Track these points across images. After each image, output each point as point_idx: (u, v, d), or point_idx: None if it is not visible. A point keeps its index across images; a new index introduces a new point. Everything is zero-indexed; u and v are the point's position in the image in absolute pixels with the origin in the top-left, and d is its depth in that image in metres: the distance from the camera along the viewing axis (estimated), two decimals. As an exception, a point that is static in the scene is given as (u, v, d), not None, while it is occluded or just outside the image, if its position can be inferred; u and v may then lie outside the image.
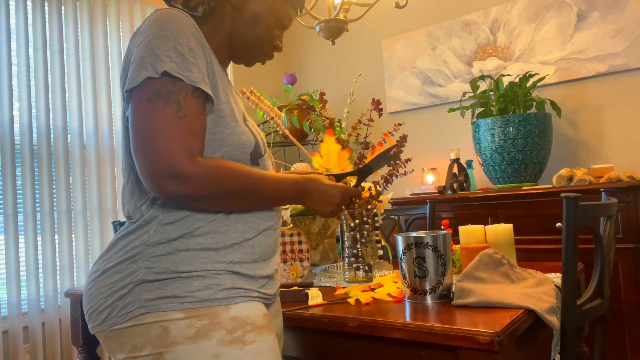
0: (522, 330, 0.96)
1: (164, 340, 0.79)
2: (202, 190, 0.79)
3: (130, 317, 0.80)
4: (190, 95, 0.81)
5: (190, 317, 0.80)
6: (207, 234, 0.84)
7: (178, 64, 0.80)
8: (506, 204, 2.34)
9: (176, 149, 0.77)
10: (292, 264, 1.50)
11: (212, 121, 0.86)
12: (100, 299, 0.83)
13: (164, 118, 0.78)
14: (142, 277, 0.81)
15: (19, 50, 2.44)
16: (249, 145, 0.89)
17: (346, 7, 2.03)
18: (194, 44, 0.84)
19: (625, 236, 2.05)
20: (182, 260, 0.82)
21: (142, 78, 0.79)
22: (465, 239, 1.41)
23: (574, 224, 1.13)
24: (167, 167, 0.76)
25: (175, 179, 0.77)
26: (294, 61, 3.90)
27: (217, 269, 0.84)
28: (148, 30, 0.83)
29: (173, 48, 0.81)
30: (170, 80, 0.79)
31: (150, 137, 0.77)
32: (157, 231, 0.83)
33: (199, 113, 0.82)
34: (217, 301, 0.81)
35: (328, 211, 1.00)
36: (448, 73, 3.07)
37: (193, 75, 0.81)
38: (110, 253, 0.85)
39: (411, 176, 3.26)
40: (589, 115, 2.61)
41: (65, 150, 2.56)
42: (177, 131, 0.78)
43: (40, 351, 2.37)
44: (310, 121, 1.46)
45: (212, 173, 0.80)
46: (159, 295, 0.80)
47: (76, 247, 2.59)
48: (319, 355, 1.12)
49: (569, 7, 2.64)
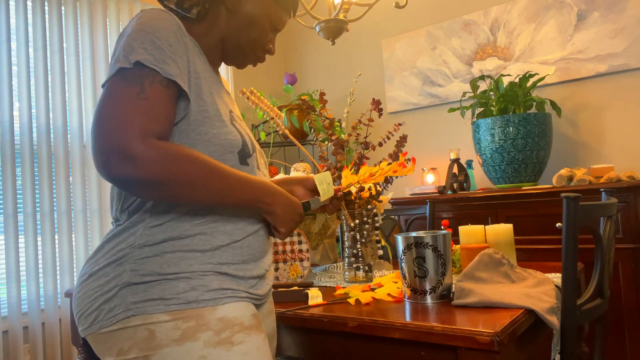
0: (522, 330, 0.96)
1: (150, 343, 0.78)
2: (151, 173, 0.73)
3: (117, 320, 0.80)
4: (158, 83, 0.78)
5: (177, 319, 0.79)
6: (193, 236, 0.84)
7: (154, 55, 0.79)
8: (506, 204, 2.34)
9: (129, 128, 0.73)
10: (292, 264, 1.50)
11: (196, 122, 0.85)
12: (88, 302, 0.82)
13: (123, 98, 0.75)
14: (127, 280, 0.80)
15: (19, 50, 2.44)
16: (235, 144, 0.88)
17: (346, 7, 2.03)
18: (173, 40, 0.83)
19: (625, 236, 2.05)
20: (168, 262, 0.81)
21: (115, 70, 0.78)
22: (465, 239, 1.41)
23: (574, 224, 1.13)
24: (116, 145, 0.72)
25: (124, 159, 0.72)
26: (294, 61, 3.90)
27: (204, 270, 0.83)
28: (129, 28, 0.82)
29: (150, 41, 0.80)
30: (139, 68, 0.78)
31: (105, 115, 0.74)
32: (144, 233, 0.82)
33: (164, 100, 0.78)
34: (203, 302, 0.81)
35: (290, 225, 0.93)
36: (448, 73, 3.07)
37: (169, 69, 0.80)
38: (98, 256, 0.85)
39: (411, 176, 3.26)
40: (589, 115, 2.61)
41: (65, 150, 2.56)
42: (134, 111, 0.74)
43: (40, 351, 2.37)
44: (310, 121, 1.46)
45: (164, 156, 0.74)
46: (145, 297, 0.79)
47: (76, 247, 2.59)
48: (319, 355, 1.12)
49: (569, 7, 2.64)
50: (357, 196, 1.46)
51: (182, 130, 0.84)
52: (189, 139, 0.84)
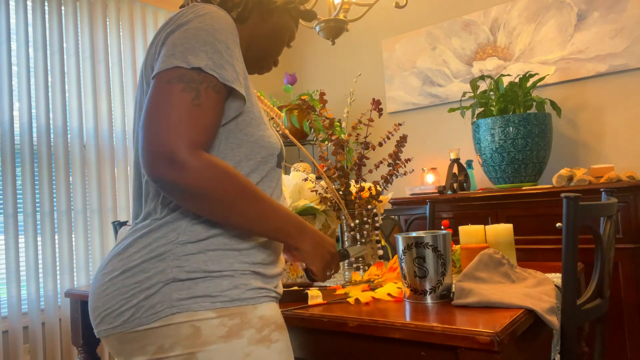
0: (522, 330, 0.96)
1: (196, 340, 0.78)
2: (196, 183, 0.74)
3: (159, 318, 0.78)
4: (212, 89, 0.79)
5: (222, 317, 0.79)
6: (232, 235, 0.84)
7: (214, 60, 0.79)
8: (506, 204, 2.34)
9: (181, 135, 0.74)
10: (292, 264, 1.50)
11: (244, 122, 0.86)
12: (122, 300, 0.80)
13: (177, 102, 0.76)
14: (173, 276, 0.79)
15: (19, 50, 2.44)
16: (276, 147, 0.91)
17: (346, 7, 2.03)
18: (231, 42, 0.83)
19: (625, 236, 2.05)
20: (211, 259, 0.82)
21: (170, 66, 0.78)
22: (465, 239, 1.41)
23: (574, 224, 1.13)
24: (166, 150, 0.73)
25: (171, 164, 0.73)
26: (294, 61, 3.90)
27: (243, 269, 0.84)
28: (188, 21, 0.82)
29: (211, 43, 0.80)
30: (198, 72, 0.78)
31: (158, 117, 0.75)
32: (187, 229, 0.82)
33: (215, 108, 0.79)
34: (245, 300, 0.82)
35: (322, 263, 0.93)
36: (448, 73, 3.07)
37: (226, 74, 0.80)
38: (130, 252, 0.82)
39: (411, 176, 3.26)
40: (589, 115, 2.61)
41: (65, 150, 2.56)
42: (187, 118, 0.75)
43: (40, 351, 2.37)
44: (310, 121, 1.45)
45: (211, 170, 0.75)
46: (191, 294, 0.79)
47: (76, 247, 2.59)
48: (319, 355, 1.12)
49: (569, 7, 2.64)
50: (357, 196, 1.46)
51: (231, 130, 0.85)
52: (237, 139, 0.85)
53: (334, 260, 0.95)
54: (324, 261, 0.93)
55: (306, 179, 1.57)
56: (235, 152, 0.86)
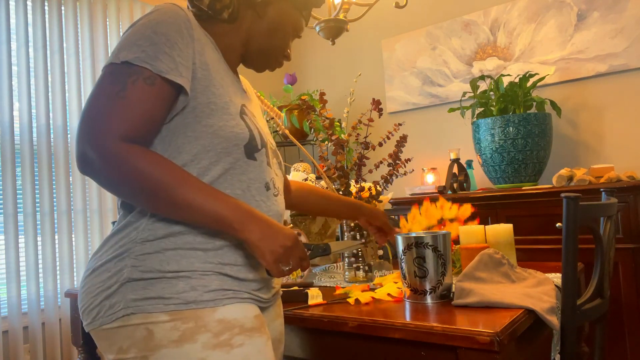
0: (522, 330, 0.96)
1: (149, 343, 0.78)
2: (107, 174, 0.74)
3: (116, 318, 0.79)
4: (143, 81, 0.77)
5: (175, 320, 0.78)
6: (196, 234, 0.82)
7: (147, 52, 0.79)
8: (506, 204, 2.34)
9: (96, 127, 0.74)
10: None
11: (203, 113, 0.84)
12: (90, 298, 0.82)
13: (101, 95, 0.76)
14: (128, 276, 0.79)
15: (19, 50, 2.44)
16: (242, 137, 0.87)
17: (346, 7, 2.03)
18: (174, 33, 0.82)
19: (625, 236, 2.05)
20: (169, 259, 0.80)
21: (106, 64, 0.80)
22: (465, 239, 1.41)
23: (574, 224, 1.13)
24: (82, 142, 0.74)
25: (86, 157, 0.74)
26: (294, 61, 3.90)
27: (205, 269, 0.81)
28: (137, 21, 0.83)
29: (147, 37, 0.80)
30: (127, 66, 0.78)
31: (86, 110, 0.76)
32: (146, 228, 0.81)
33: (148, 100, 0.78)
34: (202, 303, 0.79)
35: (272, 257, 0.81)
36: (448, 73, 3.07)
37: (161, 65, 0.79)
38: (102, 251, 0.84)
39: (411, 176, 3.26)
40: (589, 115, 2.61)
41: (65, 150, 2.56)
42: (109, 109, 0.75)
43: (40, 351, 2.37)
44: (310, 121, 1.45)
45: (124, 159, 0.74)
46: (145, 295, 0.78)
47: (76, 247, 2.59)
48: (319, 355, 1.12)
49: (569, 7, 2.64)
50: (357, 196, 1.46)
51: (188, 123, 0.83)
52: (194, 132, 0.84)
53: (288, 253, 0.83)
54: (274, 255, 0.81)
55: (306, 179, 1.57)
56: (193, 145, 0.83)
